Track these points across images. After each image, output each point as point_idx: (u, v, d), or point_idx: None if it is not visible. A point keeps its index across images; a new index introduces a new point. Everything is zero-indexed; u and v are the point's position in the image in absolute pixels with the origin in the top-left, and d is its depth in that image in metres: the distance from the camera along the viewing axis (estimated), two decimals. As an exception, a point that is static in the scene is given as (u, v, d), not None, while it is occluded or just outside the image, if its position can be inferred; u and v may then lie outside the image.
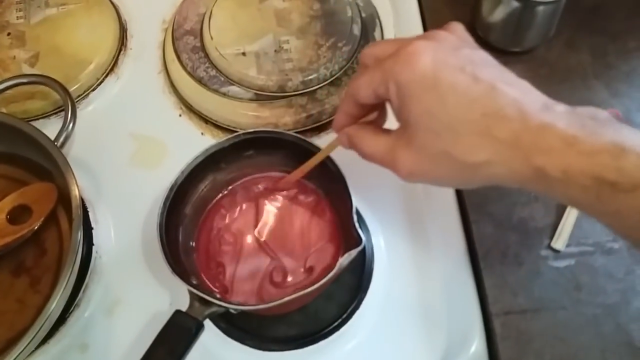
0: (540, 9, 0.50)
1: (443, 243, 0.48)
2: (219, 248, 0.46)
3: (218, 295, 0.43)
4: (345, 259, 0.38)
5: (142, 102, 0.57)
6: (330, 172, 0.43)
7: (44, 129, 0.48)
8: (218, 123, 0.55)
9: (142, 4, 0.63)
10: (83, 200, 0.50)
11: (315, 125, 0.54)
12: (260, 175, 0.49)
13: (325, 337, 0.44)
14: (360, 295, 0.45)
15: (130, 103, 0.57)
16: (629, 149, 0.26)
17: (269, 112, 0.53)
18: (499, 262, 0.45)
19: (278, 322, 0.45)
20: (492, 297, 0.44)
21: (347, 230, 0.42)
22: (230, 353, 0.44)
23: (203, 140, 0.55)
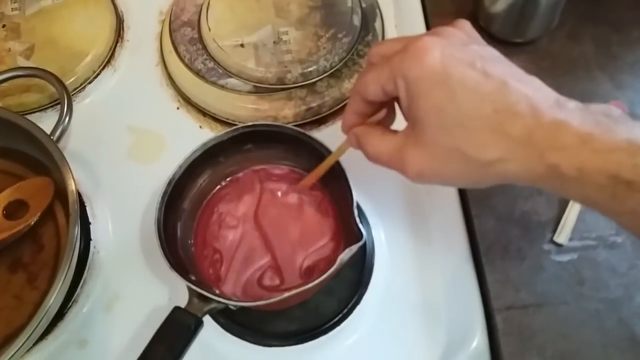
0: (543, -1, 0.49)
1: (444, 237, 0.47)
2: (218, 232, 0.46)
3: (217, 291, 0.43)
4: (346, 254, 0.38)
5: (139, 94, 0.56)
6: (331, 166, 0.43)
7: (40, 123, 0.47)
8: (216, 116, 0.54)
9: (139, -5, 0.62)
10: (80, 195, 0.50)
11: (315, 118, 0.53)
12: (269, 167, 0.48)
13: (326, 332, 0.44)
14: (361, 291, 0.45)
15: (128, 96, 0.57)
16: None
17: (268, 104, 0.52)
18: (501, 256, 0.45)
19: (278, 317, 0.45)
20: (494, 292, 0.43)
21: (347, 225, 0.42)
22: (230, 349, 0.44)
23: (201, 134, 0.54)
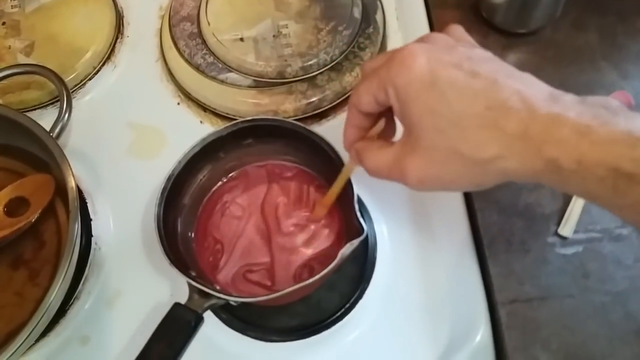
0: (547, -12, 0.48)
1: (447, 231, 0.47)
2: (220, 223, 0.46)
3: (218, 287, 0.42)
4: (347, 249, 0.38)
5: (139, 90, 0.56)
6: (332, 160, 0.42)
7: (41, 120, 0.47)
8: (217, 111, 0.54)
9: (138, -10, 0.62)
10: (81, 192, 0.50)
11: (316, 112, 0.53)
12: (277, 163, 0.48)
13: (328, 327, 0.44)
14: (363, 285, 0.45)
15: (128, 92, 0.56)
16: None
17: (269, 99, 0.52)
18: (505, 249, 0.44)
19: (280, 312, 0.45)
20: (497, 285, 0.43)
21: (349, 219, 0.41)
22: (232, 344, 0.44)
23: (202, 129, 0.54)
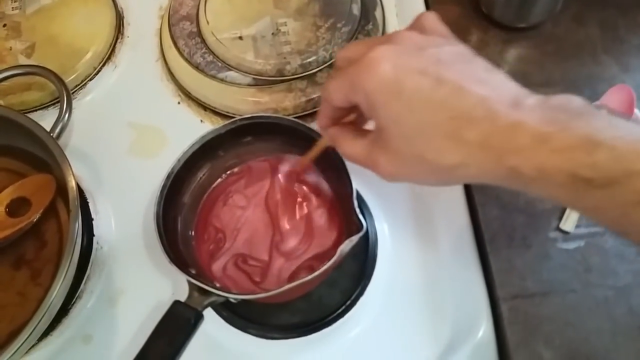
0: (547, -18, 0.48)
1: (448, 227, 0.47)
2: (221, 209, 0.46)
3: (217, 285, 0.42)
4: (347, 245, 0.37)
5: (140, 90, 0.56)
6: (330, 156, 0.42)
7: (42, 121, 0.47)
8: (217, 110, 0.54)
9: (138, -9, 0.62)
10: (82, 191, 0.50)
11: (316, 110, 0.53)
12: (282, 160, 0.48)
13: (329, 324, 0.44)
14: (364, 282, 0.45)
15: (129, 92, 0.57)
16: (602, 143, 0.25)
17: (268, 97, 0.52)
18: (506, 245, 0.44)
19: (281, 309, 0.45)
20: (499, 281, 0.43)
21: (348, 216, 0.41)
22: (234, 342, 0.44)
23: (202, 128, 0.54)
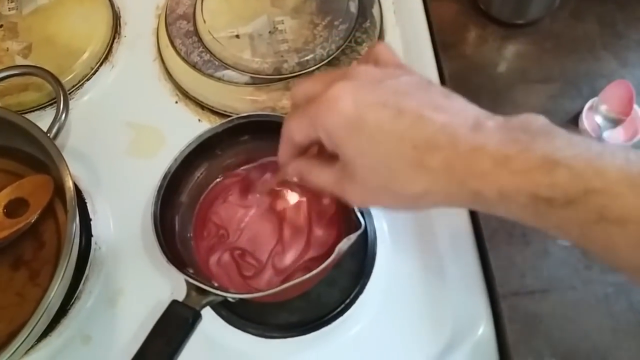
0: (545, -22, 0.48)
1: (447, 224, 0.47)
2: (221, 206, 0.46)
3: (216, 284, 0.42)
4: (345, 244, 0.37)
5: (137, 90, 0.56)
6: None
7: (39, 121, 0.47)
8: (215, 109, 0.54)
9: (135, -10, 0.62)
10: (80, 192, 0.50)
11: (314, 108, 0.52)
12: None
13: (328, 323, 0.43)
14: (363, 280, 0.45)
15: (126, 92, 0.56)
16: (560, 162, 0.26)
17: (266, 95, 0.52)
18: (506, 242, 0.44)
19: (280, 308, 0.45)
20: (499, 278, 0.43)
21: (346, 214, 0.41)
22: (233, 341, 0.44)
23: (200, 127, 0.53)
